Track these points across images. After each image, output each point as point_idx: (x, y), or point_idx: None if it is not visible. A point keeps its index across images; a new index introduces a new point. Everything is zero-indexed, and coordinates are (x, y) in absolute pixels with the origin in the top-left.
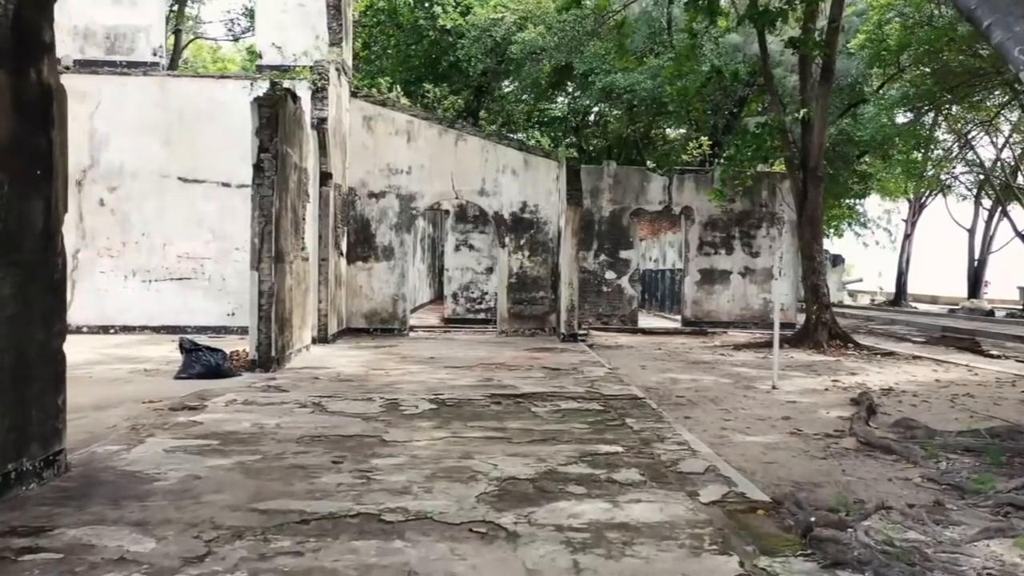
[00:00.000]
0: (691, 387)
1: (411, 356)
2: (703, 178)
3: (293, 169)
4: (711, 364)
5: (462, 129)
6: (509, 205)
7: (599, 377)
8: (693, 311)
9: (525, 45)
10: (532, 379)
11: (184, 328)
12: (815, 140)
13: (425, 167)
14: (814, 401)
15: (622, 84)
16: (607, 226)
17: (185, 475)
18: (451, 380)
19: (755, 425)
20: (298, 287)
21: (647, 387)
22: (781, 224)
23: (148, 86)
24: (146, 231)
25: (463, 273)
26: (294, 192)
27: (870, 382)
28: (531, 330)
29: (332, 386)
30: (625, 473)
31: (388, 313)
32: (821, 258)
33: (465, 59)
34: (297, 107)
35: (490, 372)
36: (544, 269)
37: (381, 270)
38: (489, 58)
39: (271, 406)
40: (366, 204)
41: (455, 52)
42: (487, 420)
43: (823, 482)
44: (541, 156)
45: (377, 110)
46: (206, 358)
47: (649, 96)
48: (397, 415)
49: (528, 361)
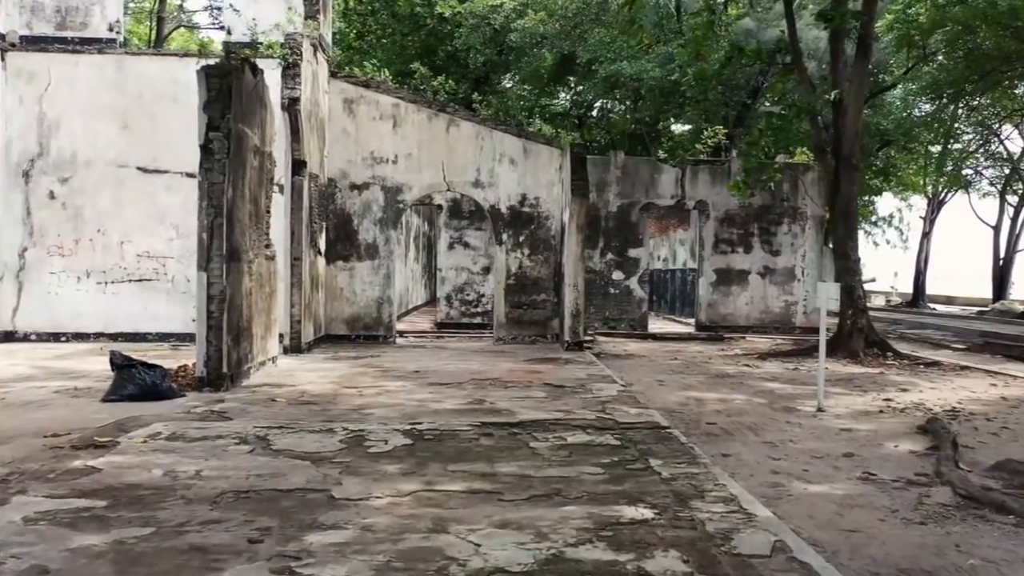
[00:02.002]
0: (721, 409)
1: (393, 369)
2: (719, 170)
3: (252, 153)
4: (737, 378)
5: (454, 113)
6: (507, 198)
7: (611, 397)
8: (708, 315)
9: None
10: (532, 400)
11: (145, 335)
12: (849, 125)
13: (413, 155)
14: (872, 428)
15: (628, 72)
16: (615, 222)
17: (28, 567)
18: (435, 402)
19: (813, 466)
20: (260, 290)
21: (669, 410)
22: (804, 219)
23: (103, 65)
24: (102, 227)
25: (458, 274)
26: (254, 180)
27: (927, 401)
28: (531, 337)
29: (289, 411)
30: (662, 560)
31: (372, 318)
32: (856, 256)
33: (463, 49)
34: (258, 81)
35: (482, 391)
36: (546, 269)
37: (364, 270)
38: (488, 48)
39: (202, 442)
40: (347, 197)
41: (452, 42)
42: (473, 462)
43: (938, 569)
44: (542, 143)
45: (359, 92)
46: (141, 376)
47: (657, 85)
48: (359, 454)
49: (527, 376)
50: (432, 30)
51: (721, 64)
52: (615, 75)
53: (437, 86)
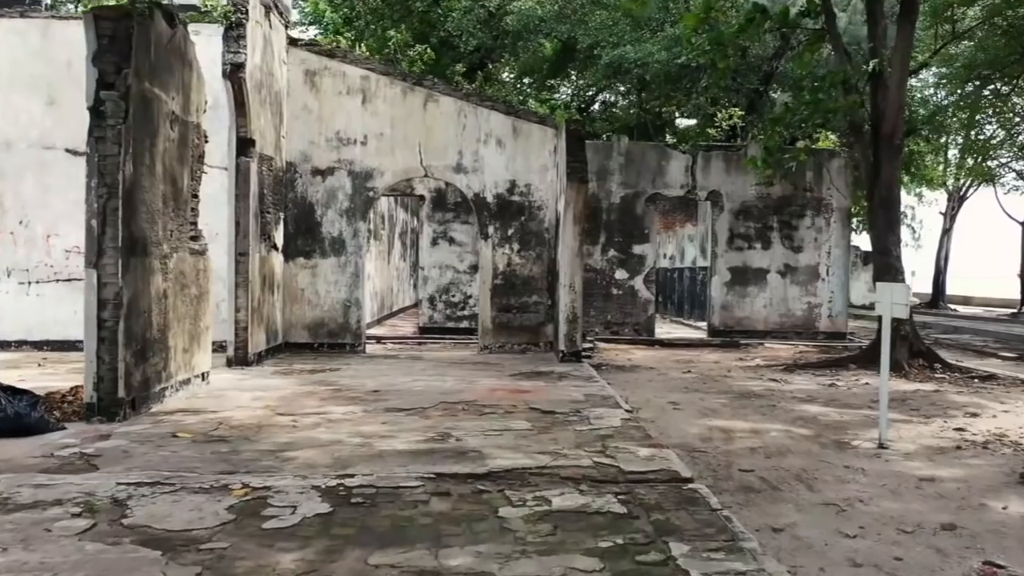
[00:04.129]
0: (756, 446)
1: (349, 388)
2: (734, 156)
3: (169, 121)
4: (766, 398)
5: (433, 87)
6: (493, 185)
7: (614, 429)
8: (722, 318)
9: (521, 15)
10: (511, 435)
11: (75, 343)
12: (892, 98)
13: (385, 136)
14: (959, 475)
15: (632, 57)
16: (617, 215)
17: None
18: (385, 438)
19: (906, 547)
20: (182, 292)
21: (689, 447)
22: (829, 212)
23: (26, 31)
24: (24, 218)
25: (442, 272)
26: (172, 155)
27: (1008, 430)
28: (521, 345)
29: (185, 454)
30: None
31: (338, 324)
32: (898, 252)
33: (456, 33)
34: (176, 33)
35: (451, 419)
36: (538, 267)
37: (328, 268)
38: (483, 31)
39: (24, 513)
40: (309, 183)
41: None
42: (412, 546)
43: None
44: (534, 122)
45: (323, 63)
46: (1, 406)
47: (663, 70)
48: (247, 533)
49: (511, 396)
50: (423, 13)
51: (740, 27)
52: (618, 61)
53: (415, 55)
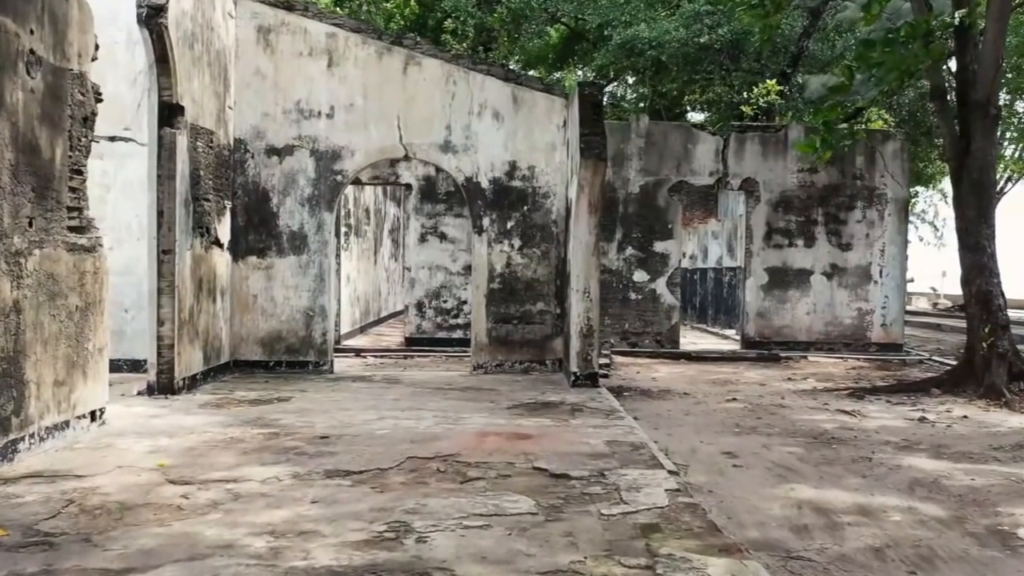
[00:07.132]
0: (880, 544)
1: (288, 433)
2: (772, 139)
3: (26, 64)
4: (850, 444)
5: (414, 47)
6: (489, 167)
7: (659, 512)
8: (758, 327)
9: None
10: (503, 525)
11: None
12: (987, 56)
13: (357, 107)
14: None
15: (647, 36)
16: (636, 206)
17: None
18: (303, 540)
19: None
20: (51, 303)
21: (779, 548)
22: (883, 204)
23: None
24: None
25: (432, 274)
26: (33, 113)
27: None
28: (523, 364)
29: None
30: None
31: (299, 338)
32: (992, 248)
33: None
34: None
35: (416, 494)
36: (544, 268)
37: (287, 270)
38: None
39: None
40: (263, 165)
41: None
42: None
43: None
44: (539, 91)
45: (280, 17)
46: None
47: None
48: None
49: (508, 444)
50: None
51: None
52: (631, 41)
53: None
